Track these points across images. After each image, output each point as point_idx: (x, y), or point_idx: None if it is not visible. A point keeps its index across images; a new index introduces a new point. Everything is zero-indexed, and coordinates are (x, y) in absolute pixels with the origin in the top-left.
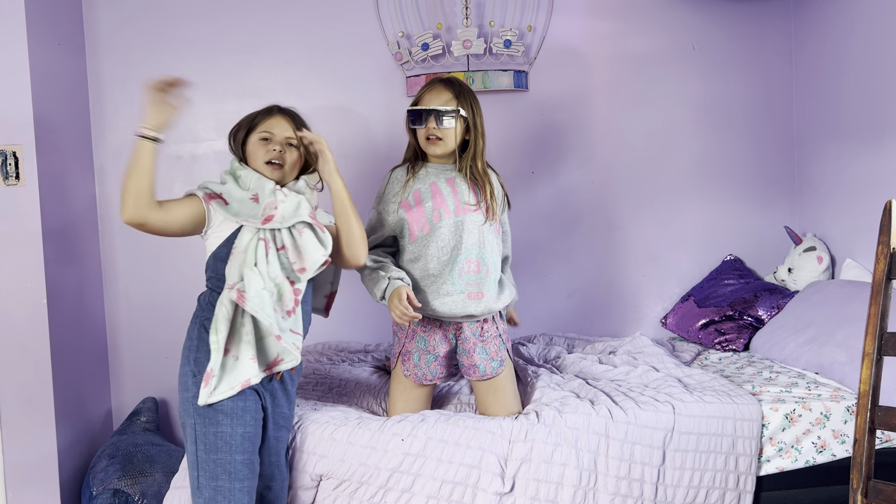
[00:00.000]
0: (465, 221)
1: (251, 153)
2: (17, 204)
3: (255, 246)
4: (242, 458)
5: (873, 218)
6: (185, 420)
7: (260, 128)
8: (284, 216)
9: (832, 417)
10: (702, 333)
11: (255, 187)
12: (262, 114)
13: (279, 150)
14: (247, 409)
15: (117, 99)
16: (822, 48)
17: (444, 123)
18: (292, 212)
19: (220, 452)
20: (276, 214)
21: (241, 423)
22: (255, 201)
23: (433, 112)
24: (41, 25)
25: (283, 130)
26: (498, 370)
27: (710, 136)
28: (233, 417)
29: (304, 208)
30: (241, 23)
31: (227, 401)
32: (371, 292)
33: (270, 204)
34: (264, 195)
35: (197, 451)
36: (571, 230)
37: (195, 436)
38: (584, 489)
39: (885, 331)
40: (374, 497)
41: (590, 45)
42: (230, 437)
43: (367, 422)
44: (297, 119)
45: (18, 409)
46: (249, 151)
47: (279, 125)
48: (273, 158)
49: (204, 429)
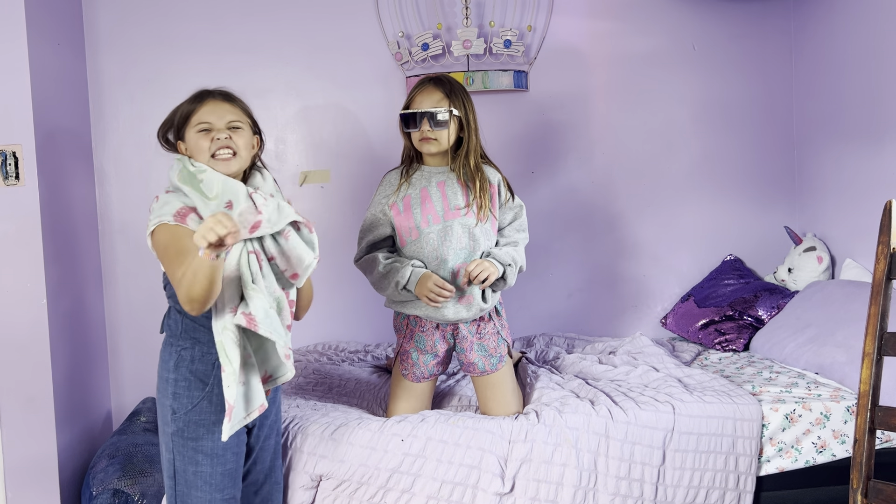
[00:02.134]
0: (452, 226)
1: (193, 150)
2: (17, 204)
3: (247, 261)
4: (223, 497)
5: (873, 218)
6: (163, 452)
7: (193, 120)
8: (271, 220)
9: (832, 417)
10: (702, 333)
11: (226, 192)
12: (189, 104)
13: (226, 138)
14: (228, 446)
15: (117, 99)
16: (822, 48)
17: (437, 124)
18: (277, 213)
19: (201, 491)
20: (262, 220)
21: (221, 462)
22: (230, 209)
23: (426, 114)
24: (41, 25)
25: (222, 115)
26: (497, 366)
27: (710, 136)
28: (213, 458)
29: (285, 207)
30: (241, 23)
31: (207, 441)
32: (390, 283)
33: (249, 209)
34: (239, 201)
35: (176, 486)
36: (571, 230)
37: (174, 471)
38: (584, 489)
39: (885, 331)
40: (373, 497)
41: (590, 45)
42: (210, 477)
43: (367, 422)
44: (233, 97)
45: (18, 409)
46: (190, 149)
47: (216, 110)
48: (220, 148)
49: (184, 466)
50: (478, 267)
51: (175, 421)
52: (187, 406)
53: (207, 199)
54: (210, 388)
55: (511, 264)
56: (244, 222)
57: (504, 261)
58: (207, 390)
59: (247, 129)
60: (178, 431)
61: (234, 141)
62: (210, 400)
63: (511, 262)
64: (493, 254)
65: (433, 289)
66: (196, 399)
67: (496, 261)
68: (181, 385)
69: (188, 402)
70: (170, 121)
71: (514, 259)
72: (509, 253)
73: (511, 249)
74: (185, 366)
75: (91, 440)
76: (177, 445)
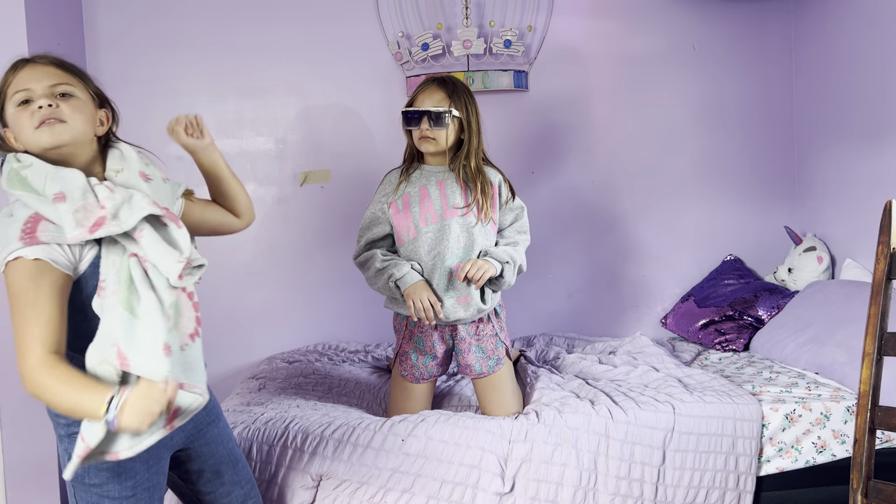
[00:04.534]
0: (450, 225)
1: (16, 127)
2: None
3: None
4: None
5: (873, 218)
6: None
7: (10, 91)
8: (119, 216)
9: (832, 417)
10: (702, 333)
11: (54, 182)
12: (5, 76)
13: (50, 105)
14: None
15: (117, 99)
16: (822, 48)
17: (436, 124)
18: (127, 209)
19: None
20: (105, 214)
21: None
22: (62, 202)
23: (426, 113)
24: (41, 25)
25: (41, 78)
26: (495, 368)
27: (710, 136)
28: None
29: (139, 200)
30: (241, 23)
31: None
32: (384, 276)
33: (90, 205)
34: (72, 192)
35: None
36: (571, 230)
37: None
38: (584, 489)
39: (885, 331)
40: (374, 497)
41: (590, 45)
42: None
43: (366, 422)
44: (62, 61)
45: (18, 409)
46: (12, 127)
47: (33, 75)
48: (44, 118)
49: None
50: (473, 266)
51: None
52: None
53: (40, 196)
54: None
55: (509, 262)
56: (81, 220)
57: (501, 258)
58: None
59: (83, 98)
60: (77, 479)
61: (61, 110)
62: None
63: (509, 259)
64: (490, 252)
65: (424, 302)
66: None
67: (493, 259)
68: (73, 429)
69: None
70: None
71: (512, 257)
72: (507, 251)
73: (510, 248)
74: None
75: None
76: (78, 490)
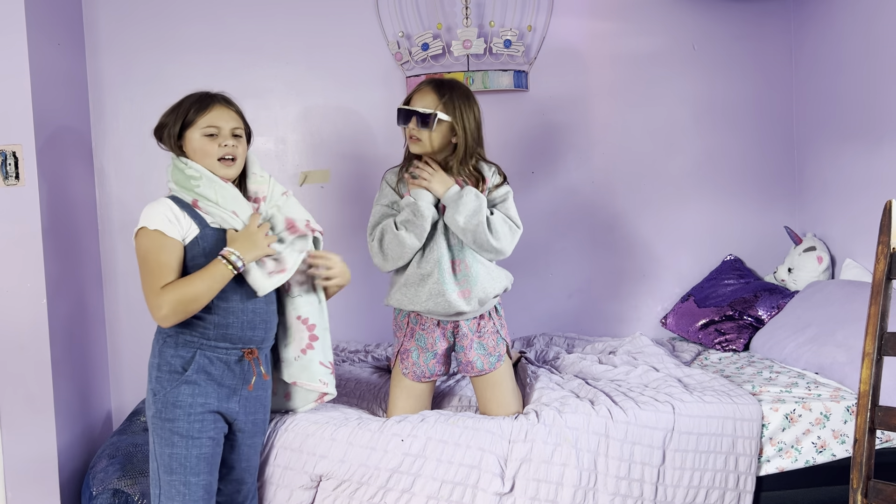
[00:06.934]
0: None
1: (196, 151)
2: (17, 204)
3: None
4: (197, 481)
5: (873, 218)
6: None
7: (201, 122)
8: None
9: (832, 417)
10: (702, 333)
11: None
12: (197, 105)
13: (233, 145)
14: (204, 430)
15: (117, 99)
16: (822, 48)
17: (423, 125)
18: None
19: (176, 474)
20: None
21: (196, 444)
22: (236, 216)
23: (413, 113)
24: (41, 25)
25: (228, 121)
26: (496, 365)
27: (710, 136)
28: (188, 439)
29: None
30: (241, 23)
31: (183, 422)
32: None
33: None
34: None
35: (159, 469)
36: (571, 230)
37: (155, 454)
38: (584, 489)
39: (885, 331)
40: (373, 497)
41: (590, 45)
42: (185, 460)
43: (367, 422)
44: (234, 103)
45: (18, 409)
46: (193, 149)
47: (223, 116)
48: (226, 154)
49: (161, 449)
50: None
51: (155, 403)
52: (166, 388)
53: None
54: (189, 374)
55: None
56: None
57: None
58: (186, 375)
59: (244, 137)
60: (156, 413)
61: (238, 149)
62: (188, 384)
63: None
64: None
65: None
66: (175, 382)
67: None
68: (163, 369)
69: (167, 384)
70: (171, 120)
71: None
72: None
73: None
74: (168, 351)
75: (91, 440)
76: (155, 428)
